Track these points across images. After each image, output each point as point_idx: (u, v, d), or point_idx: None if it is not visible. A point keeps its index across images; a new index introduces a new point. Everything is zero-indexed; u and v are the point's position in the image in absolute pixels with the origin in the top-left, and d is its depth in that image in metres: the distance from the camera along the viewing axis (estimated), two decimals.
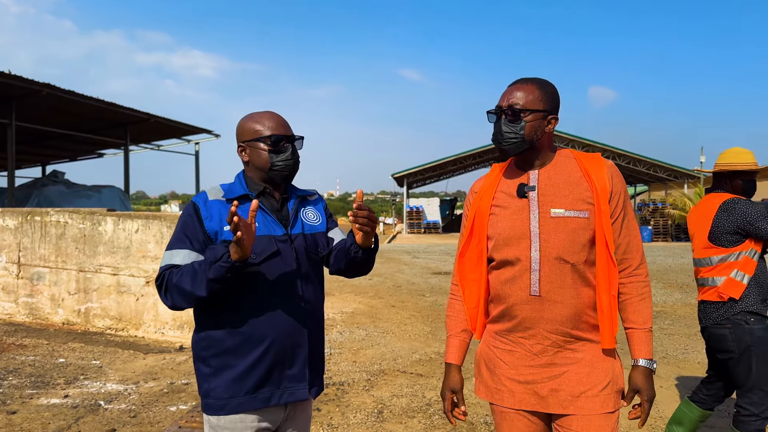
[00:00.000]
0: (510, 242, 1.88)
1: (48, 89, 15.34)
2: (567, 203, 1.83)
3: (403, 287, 11.47)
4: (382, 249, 23.92)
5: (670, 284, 11.76)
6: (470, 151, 36.40)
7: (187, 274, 1.81)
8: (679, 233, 31.34)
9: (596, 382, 1.83)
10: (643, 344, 1.86)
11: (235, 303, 1.89)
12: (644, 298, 1.88)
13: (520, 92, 1.88)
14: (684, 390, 4.91)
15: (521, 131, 1.86)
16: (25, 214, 7.51)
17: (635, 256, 1.89)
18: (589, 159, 1.91)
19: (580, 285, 1.83)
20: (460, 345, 2.05)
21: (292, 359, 1.95)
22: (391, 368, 5.61)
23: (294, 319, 1.96)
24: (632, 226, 1.90)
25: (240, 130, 2.05)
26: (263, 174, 2.02)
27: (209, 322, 1.93)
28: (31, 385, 5.04)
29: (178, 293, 1.83)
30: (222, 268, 1.73)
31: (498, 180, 2.01)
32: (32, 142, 21.58)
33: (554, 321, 1.83)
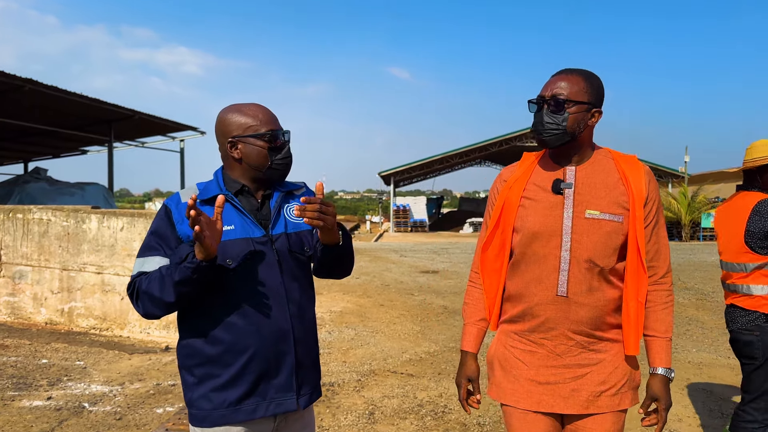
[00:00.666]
0: (539, 238, 1.83)
1: (31, 85, 15.08)
2: (603, 205, 1.80)
3: (392, 286, 11.41)
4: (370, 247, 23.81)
5: None
6: (457, 150, 36.43)
7: (155, 280, 1.71)
8: None
9: (616, 381, 1.83)
10: (663, 353, 1.84)
11: (214, 311, 1.79)
12: (667, 307, 1.86)
13: (565, 82, 1.83)
14: (677, 389, 4.90)
15: (564, 123, 1.81)
16: (7, 212, 7.35)
17: (662, 264, 1.87)
18: (627, 161, 1.87)
19: (607, 288, 1.81)
20: (477, 333, 2.02)
21: (278, 368, 1.84)
22: (381, 368, 5.55)
23: (278, 325, 1.83)
24: (662, 234, 1.88)
25: (226, 124, 1.87)
26: (256, 173, 1.88)
27: (190, 331, 1.84)
28: (12, 386, 4.91)
29: (149, 300, 1.73)
30: (187, 269, 1.63)
31: (531, 171, 1.95)
32: (14, 139, 21.22)
33: (578, 322, 1.80)
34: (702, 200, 30.21)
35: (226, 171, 1.92)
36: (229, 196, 1.84)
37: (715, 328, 7.42)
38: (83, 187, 21.12)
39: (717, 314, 8.35)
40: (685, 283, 11.72)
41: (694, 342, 6.70)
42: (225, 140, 1.86)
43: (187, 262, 1.62)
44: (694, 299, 9.68)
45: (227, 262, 1.75)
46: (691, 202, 30.00)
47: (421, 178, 45.14)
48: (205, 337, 1.79)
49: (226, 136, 1.86)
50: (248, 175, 1.88)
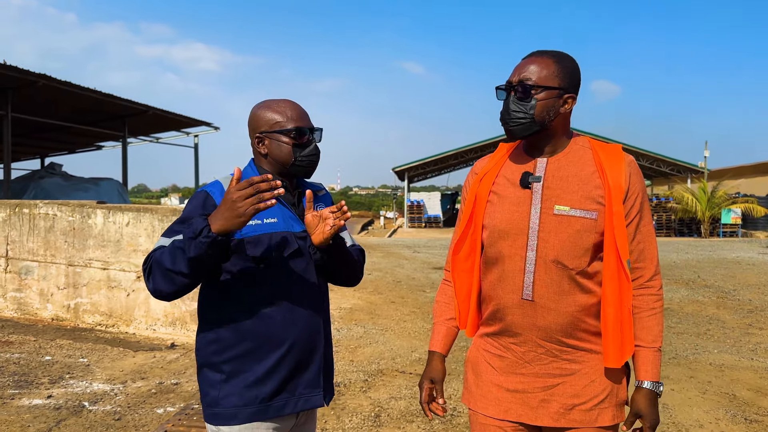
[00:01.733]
0: (505, 236, 1.68)
1: (44, 80, 15.12)
2: (574, 200, 1.62)
3: (403, 282, 11.25)
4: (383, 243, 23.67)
5: (675, 280, 11.53)
6: (471, 145, 36.16)
7: (167, 252, 1.63)
8: (682, 228, 31.12)
9: (594, 394, 1.65)
10: (650, 365, 1.64)
11: (251, 303, 1.77)
12: (655, 314, 1.66)
13: (534, 66, 1.65)
14: (697, 393, 4.69)
15: (531, 110, 1.64)
16: (13, 207, 7.29)
17: (649, 266, 1.67)
18: (606, 151, 1.68)
19: (579, 293, 1.63)
20: (446, 333, 1.86)
21: (308, 364, 1.84)
22: (389, 368, 5.39)
23: (313, 320, 1.86)
24: (647, 231, 1.67)
25: (256, 120, 1.90)
26: (282, 168, 1.88)
27: (219, 322, 1.79)
28: (13, 384, 4.82)
29: (160, 273, 1.64)
30: (203, 245, 1.54)
31: (502, 163, 1.79)
32: (30, 134, 21.35)
33: (547, 329, 1.63)
34: (722, 195, 29.73)
35: (257, 164, 1.93)
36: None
37: (737, 328, 7.17)
38: (98, 182, 21.21)
39: (738, 313, 8.10)
40: (704, 280, 11.43)
41: (715, 342, 6.47)
42: (253, 135, 1.90)
43: (203, 237, 1.54)
44: (714, 297, 9.41)
45: (272, 254, 1.76)
46: (711, 198, 29.52)
47: (435, 174, 44.93)
48: (241, 330, 1.76)
49: (254, 131, 1.90)
50: (275, 170, 1.89)
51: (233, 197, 1.51)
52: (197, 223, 1.56)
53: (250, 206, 1.51)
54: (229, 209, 1.52)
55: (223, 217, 1.54)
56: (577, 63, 1.72)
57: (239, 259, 1.76)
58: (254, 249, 1.75)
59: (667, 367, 5.43)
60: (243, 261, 1.76)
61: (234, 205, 1.52)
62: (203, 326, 1.83)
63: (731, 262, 15.03)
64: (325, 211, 1.74)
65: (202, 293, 1.84)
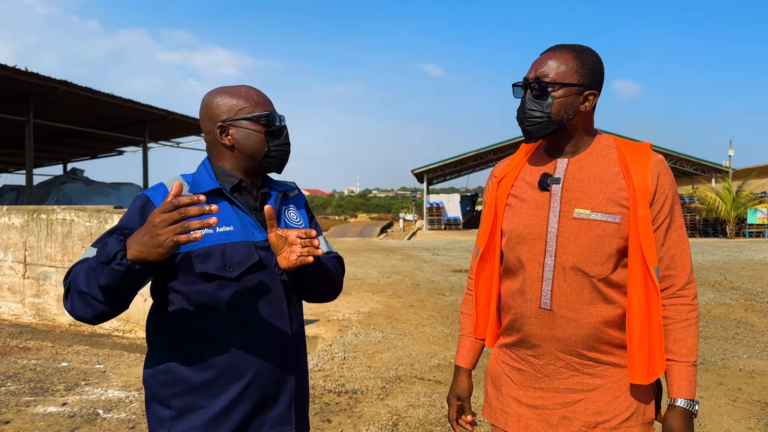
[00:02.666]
0: (523, 242, 1.58)
1: (65, 86, 15.27)
2: (595, 203, 1.51)
3: (422, 286, 11.14)
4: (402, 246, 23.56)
5: (701, 283, 11.26)
6: (491, 147, 35.95)
7: (83, 272, 1.35)
8: (707, 228, 30.59)
9: (618, 411, 1.52)
10: (684, 381, 1.50)
11: (206, 328, 1.51)
12: (689, 325, 1.52)
13: (552, 61, 1.55)
14: (727, 400, 4.51)
15: (547, 109, 1.54)
16: (31, 212, 7.32)
17: (681, 273, 1.53)
18: (633, 150, 1.56)
19: (601, 302, 1.51)
20: (471, 346, 1.79)
21: (276, 397, 1.58)
22: (407, 374, 5.28)
23: (280, 346, 1.59)
24: (679, 236, 1.54)
25: (214, 107, 1.61)
26: (251, 162, 1.62)
27: (168, 350, 1.53)
28: (29, 391, 4.80)
29: (76, 294, 1.36)
30: (115, 273, 1.26)
31: (522, 165, 1.69)
32: (52, 140, 21.61)
33: (566, 341, 1.53)
34: (748, 195, 29.18)
35: (215, 162, 1.65)
36: (227, 192, 1.58)
37: (767, 332, 6.94)
38: (118, 187, 21.42)
39: None
40: (731, 282, 11.16)
41: (744, 347, 6.26)
42: (213, 126, 1.61)
43: (116, 263, 1.26)
44: (742, 300, 9.16)
45: (228, 270, 1.50)
46: (736, 198, 28.97)
47: (455, 176, 44.73)
48: (193, 359, 1.50)
49: (214, 121, 1.61)
50: (242, 166, 1.62)
51: (155, 221, 1.22)
52: (112, 244, 1.28)
53: (171, 237, 1.21)
54: (148, 234, 1.24)
55: (140, 243, 1.25)
56: (600, 57, 1.60)
57: (188, 277, 1.50)
58: (204, 264, 1.49)
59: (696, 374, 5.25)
60: (193, 279, 1.49)
61: (154, 231, 1.23)
62: (151, 354, 1.57)
63: (758, 263, 14.69)
64: (292, 235, 1.45)
65: (151, 316, 1.59)
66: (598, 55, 1.61)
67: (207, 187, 1.56)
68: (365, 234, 34.52)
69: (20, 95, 15.55)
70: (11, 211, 7.52)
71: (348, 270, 14.08)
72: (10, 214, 7.49)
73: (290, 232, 1.45)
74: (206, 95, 1.65)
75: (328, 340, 6.65)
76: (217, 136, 1.60)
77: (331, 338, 6.70)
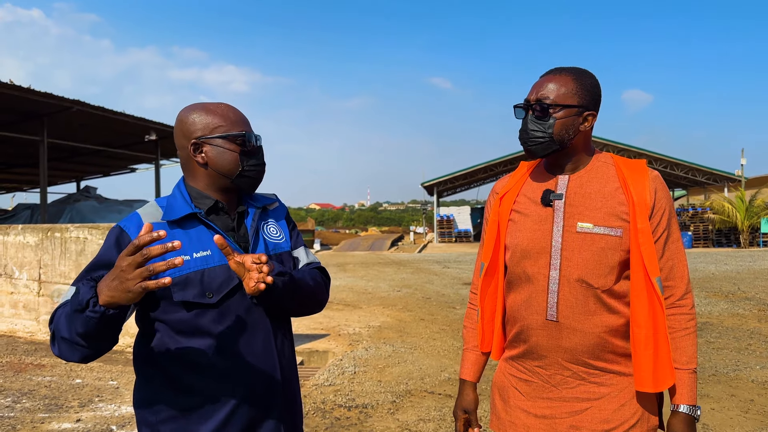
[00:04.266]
0: (528, 256, 1.64)
1: (78, 106, 15.50)
2: (597, 217, 1.57)
3: (433, 299, 11.14)
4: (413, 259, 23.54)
5: (714, 293, 11.19)
6: (501, 158, 35.94)
7: (63, 318, 1.34)
8: (720, 238, 30.34)
9: (624, 419, 1.57)
10: (686, 387, 1.56)
11: (190, 354, 1.50)
12: (689, 334, 1.59)
13: (552, 84, 1.62)
14: (739, 412, 4.49)
15: (549, 129, 1.60)
16: (45, 231, 7.43)
17: (679, 284, 1.60)
18: (630, 167, 1.63)
19: (605, 313, 1.57)
20: (475, 360, 1.83)
21: (265, 419, 1.57)
22: (418, 388, 5.29)
23: (266, 368, 1.57)
24: (676, 248, 1.61)
25: (188, 124, 1.58)
26: (225, 181, 1.59)
27: (154, 378, 1.53)
28: (44, 408, 4.86)
29: (61, 340, 1.35)
30: (90, 320, 1.26)
31: (523, 181, 1.76)
32: (65, 158, 21.88)
33: (573, 351, 1.58)
34: (761, 204, 28.94)
35: (189, 182, 1.62)
36: (201, 216, 1.56)
37: None
38: (131, 204, 21.60)
39: None
40: (745, 292, 11.07)
41: (757, 358, 6.21)
42: (187, 142, 1.57)
43: (89, 311, 1.25)
44: (756, 310, 9.09)
45: (207, 296, 1.48)
46: (750, 207, 28.75)
47: (465, 188, 44.71)
48: (179, 386, 1.50)
49: (188, 138, 1.57)
50: (216, 185, 1.60)
51: (122, 265, 1.20)
52: (83, 291, 1.27)
53: (138, 282, 1.19)
54: (117, 279, 1.22)
55: (110, 288, 1.23)
56: (597, 79, 1.68)
57: (169, 306, 1.47)
58: (183, 293, 1.46)
59: (707, 385, 5.22)
60: (173, 307, 1.47)
61: (122, 276, 1.20)
62: (139, 381, 1.57)
63: None
64: (248, 261, 1.41)
65: (137, 344, 1.58)
66: (596, 77, 1.68)
67: (182, 212, 1.54)
68: (376, 247, 34.55)
69: (34, 115, 15.80)
70: (26, 229, 7.64)
71: (358, 284, 14.10)
72: (25, 232, 7.61)
73: (246, 258, 1.42)
74: (182, 110, 1.62)
75: (339, 354, 6.67)
76: (191, 152, 1.58)
77: (342, 353, 6.73)
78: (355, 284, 14.06)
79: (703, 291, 11.50)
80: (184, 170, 1.63)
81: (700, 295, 10.95)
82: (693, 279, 13.59)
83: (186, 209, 1.55)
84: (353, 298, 11.48)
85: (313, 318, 9.06)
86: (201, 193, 1.60)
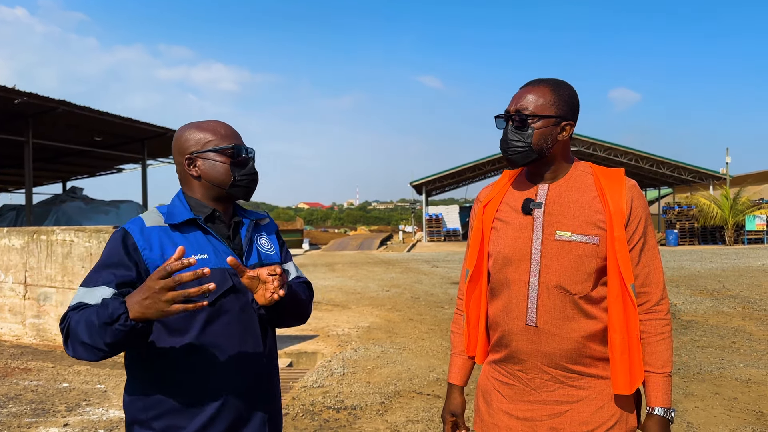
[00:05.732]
0: (509, 263, 1.69)
1: (64, 106, 15.38)
2: (575, 226, 1.63)
3: (422, 299, 11.18)
4: (401, 258, 23.58)
5: (699, 291, 11.31)
6: (489, 158, 36.06)
7: (83, 324, 1.41)
8: (705, 236, 30.63)
9: (602, 421, 1.63)
10: (661, 390, 1.62)
11: (181, 354, 1.57)
12: (664, 338, 1.64)
13: (531, 95, 1.67)
14: (723, 410, 4.55)
15: (528, 139, 1.66)
16: (31, 233, 7.38)
17: (654, 290, 1.66)
18: (608, 176, 1.69)
19: (583, 318, 1.62)
20: (463, 364, 1.88)
21: (250, 417, 1.65)
22: (406, 389, 5.32)
23: (253, 369, 1.67)
24: (652, 255, 1.67)
25: (183, 141, 1.72)
26: (218, 191, 1.70)
27: (146, 377, 1.60)
28: (31, 413, 4.83)
29: (78, 344, 1.43)
30: (119, 333, 1.35)
31: (505, 190, 1.81)
32: (51, 159, 21.71)
33: (552, 355, 1.63)
34: (745, 202, 29.25)
35: (187, 193, 1.74)
36: (200, 221, 1.67)
37: (764, 340, 6.98)
38: (118, 205, 21.48)
39: (765, 324, 7.90)
40: (730, 290, 11.20)
41: (741, 356, 6.29)
42: (182, 158, 1.71)
43: (119, 324, 1.34)
44: (740, 308, 9.20)
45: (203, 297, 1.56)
46: (734, 204, 29.05)
47: (453, 187, 44.82)
48: (169, 383, 1.58)
49: (183, 154, 1.71)
50: (210, 195, 1.71)
51: (155, 287, 1.30)
52: (114, 307, 1.35)
53: (176, 308, 1.30)
54: (150, 299, 1.31)
55: (142, 305, 1.33)
56: (575, 90, 1.73)
57: None
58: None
59: (692, 383, 5.29)
60: None
61: (156, 297, 1.31)
62: (130, 381, 1.64)
63: (757, 270, 14.73)
64: (263, 273, 1.53)
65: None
66: (573, 88, 1.73)
67: (182, 217, 1.65)
68: (365, 247, 34.56)
69: (19, 115, 15.65)
70: (11, 232, 7.58)
71: (347, 284, 14.11)
72: (10, 235, 7.55)
73: (262, 271, 1.53)
74: (178, 130, 1.75)
75: (328, 355, 6.68)
76: (186, 167, 1.70)
77: (331, 354, 6.74)
78: (344, 284, 14.07)
79: (688, 289, 11.62)
80: (182, 183, 1.75)
81: (686, 293, 11.06)
82: (679, 277, 13.73)
83: (186, 215, 1.65)
84: (342, 299, 11.49)
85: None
86: (199, 203, 1.71)
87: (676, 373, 5.65)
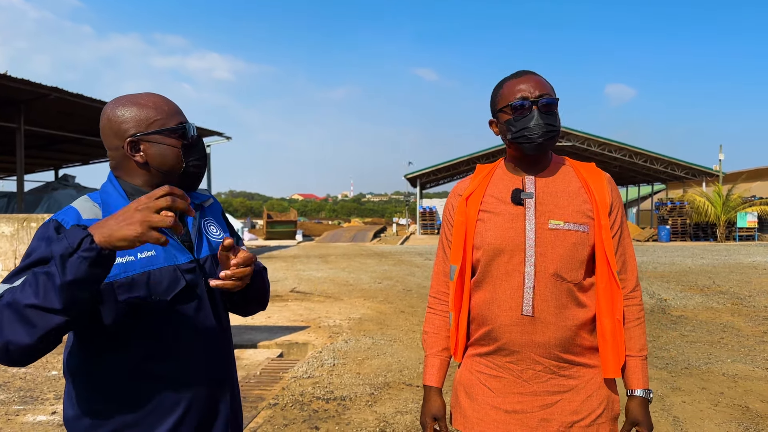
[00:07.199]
0: (500, 254, 1.67)
1: (56, 93, 15.25)
2: (566, 214, 1.65)
3: (414, 291, 11.20)
4: (395, 251, 23.60)
5: (690, 287, 11.37)
6: (483, 151, 36.07)
7: (26, 286, 1.15)
8: (697, 232, 30.78)
9: (591, 409, 1.65)
10: (639, 373, 1.68)
11: (128, 360, 1.38)
12: (640, 323, 1.71)
13: (544, 81, 1.70)
14: (709, 405, 4.58)
15: (557, 123, 1.69)
16: (21, 221, 7.34)
17: (630, 277, 1.72)
18: (587, 169, 1.74)
19: (575, 306, 1.64)
20: (440, 365, 1.82)
21: (212, 423, 1.50)
22: (396, 380, 5.33)
23: (213, 372, 1.50)
24: (627, 244, 1.73)
25: (121, 121, 1.43)
26: (167, 179, 1.47)
27: (91, 389, 1.40)
28: (19, 400, 4.82)
29: (14, 317, 1.14)
30: (84, 261, 1.12)
31: (487, 182, 1.78)
32: (44, 146, 21.56)
33: (546, 345, 1.63)
34: (737, 199, 29.38)
35: (123, 178, 1.48)
36: None
37: (752, 336, 7.03)
38: None
39: (754, 320, 7.95)
40: (720, 286, 11.27)
41: (729, 351, 6.34)
42: (121, 141, 1.43)
43: (83, 251, 1.12)
44: (729, 304, 9.26)
45: (152, 298, 1.38)
46: (726, 201, 29.18)
47: (447, 180, 44.84)
48: (121, 396, 1.38)
49: (122, 136, 1.43)
50: (154, 182, 1.47)
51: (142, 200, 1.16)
52: (72, 234, 1.13)
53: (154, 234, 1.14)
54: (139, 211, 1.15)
55: (118, 223, 1.15)
56: None
57: (110, 310, 1.34)
58: (128, 295, 1.35)
59: (679, 378, 5.33)
60: (115, 311, 1.35)
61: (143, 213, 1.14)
62: (74, 396, 1.42)
63: (747, 266, 14.82)
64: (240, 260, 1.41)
65: (70, 355, 1.43)
66: None
67: (119, 206, 1.39)
68: (358, 239, 34.56)
69: (11, 102, 15.52)
70: (1, 219, 7.53)
71: (340, 275, 14.12)
72: (0, 222, 7.50)
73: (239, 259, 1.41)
74: (108, 105, 1.47)
75: (318, 346, 6.69)
76: (128, 152, 1.43)
77: (322, 345, 6.75)
78: (336, 276, 14.08)
79: (679, 285, 11.68)
80: (115, 170, 1.49)
81: (676, 288, 11.12)
82: (670, 273, 13.79)
83: (123, 203, 1.42)
84: (334, 290, 11.50)
85: (294, 310, 9.07)
86: (137, 189, 1.47)
87: (664, 367, 5.69)
